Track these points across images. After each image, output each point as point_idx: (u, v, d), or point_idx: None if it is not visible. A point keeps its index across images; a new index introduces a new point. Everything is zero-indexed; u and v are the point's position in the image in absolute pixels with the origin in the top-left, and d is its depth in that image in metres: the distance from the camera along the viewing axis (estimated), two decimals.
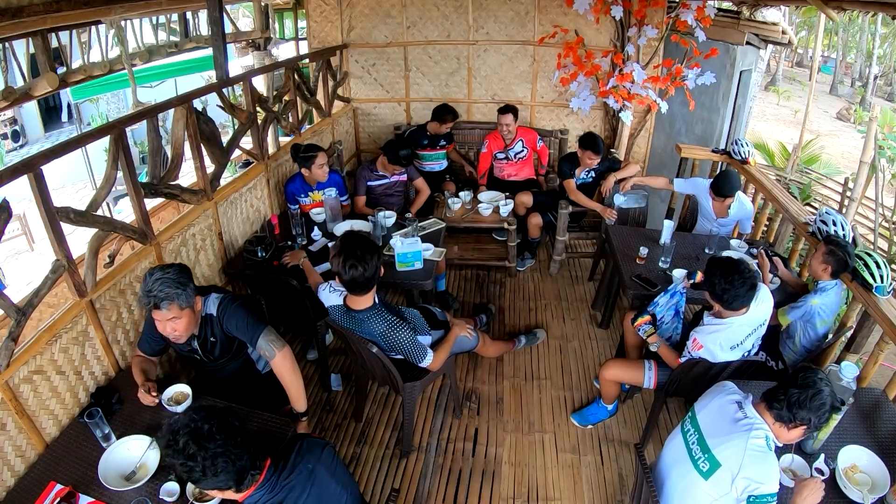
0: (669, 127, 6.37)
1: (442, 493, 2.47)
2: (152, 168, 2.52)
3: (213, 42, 3.06)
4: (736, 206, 3.29)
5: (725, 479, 1.59)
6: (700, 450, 1.69)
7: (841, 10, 3.38)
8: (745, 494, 1.55)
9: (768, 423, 1.61)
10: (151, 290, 1.84)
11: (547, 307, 3.82)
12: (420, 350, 2.28)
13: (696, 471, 1.67)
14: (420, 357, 2.30)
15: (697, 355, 2.19)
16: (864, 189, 6.76)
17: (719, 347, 2.16)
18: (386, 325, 2.20)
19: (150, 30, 5.83)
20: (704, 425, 1.73)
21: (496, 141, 4.35)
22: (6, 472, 1.78)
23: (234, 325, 2.04)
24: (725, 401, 1.73)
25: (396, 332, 2.21)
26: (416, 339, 2.27)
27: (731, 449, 1.60)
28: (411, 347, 2.25)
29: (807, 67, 24.42)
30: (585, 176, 4.00)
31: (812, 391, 1.53)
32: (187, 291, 1.89)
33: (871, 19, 17.50)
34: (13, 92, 3.80)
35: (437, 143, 4.51)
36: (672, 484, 1.78)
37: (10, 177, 1.71)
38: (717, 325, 2.18)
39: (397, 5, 4.71)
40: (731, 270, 2.07)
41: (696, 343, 2.20)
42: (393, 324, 2.21)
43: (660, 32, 4.25)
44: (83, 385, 2.08)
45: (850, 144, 15.26)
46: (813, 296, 2.43)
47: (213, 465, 1.28)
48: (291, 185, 3.46)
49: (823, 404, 1.53)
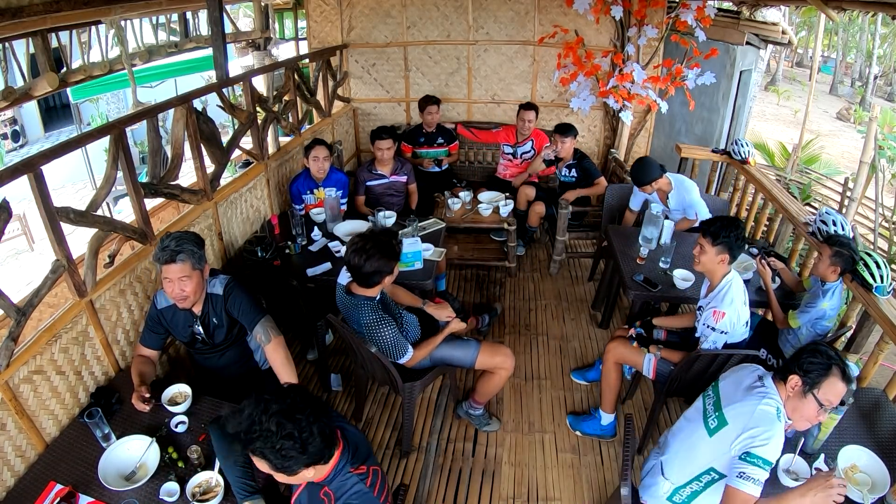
0: (669, 127, 6.38)
1: (442, 493, 2.47)
2: (152, 168, 2.53)
3: (213, 42, 3.06)
4: (674, 194, 3.27)
5: (728, 438, 1.63)
6: (713, 409, 1.75)
7: (841, 10, 3.39)
8: (742, 451, 1.58)
9: (782, 398, 1.65)
10: (169, 245, 1.94)
11: (547, 307, 3.81)
12: (400, 347, 2.27)
13: (704, 427, 1.73)
14: (399, 354, 2.28)
15: (721, 327, 2.21)
16: (864, 189, 6.75)
17: (737, 310, 2.22)
18: (374, 317, 2.21)
19: (150, 30, 5.82)
20: (724, 389, 1.79)
21: (509, 134, 4.41)
22: (6, 472, 1.78)
23: (237, 305, 2.11)
24: (748, 371, 1.79)
25: (381, 328, 2.21)
26: (398, 337, 2.25)
27: (741, 410, 1.65)
28: (392, 344, 2.24)
29: (807, 67, 24.42)
30: (567, 174, 4.03)
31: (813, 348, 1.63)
32: (201, 254, 2.02)
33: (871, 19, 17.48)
34: (13, 92, 3.80)
35: (434, 140, 4.51)
36: (680, 438, 1.84)
37: (10, 177, 1.72)
38: (726, 287, 2.25)
39: (397, 5, 4.71)
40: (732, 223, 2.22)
41: (717, 313, 2.22)
42: (381, 320, 2.21)
43: (660, 32, 4.25)
44: (83, 385, 2.08)
45: (850, 144, 15.25)
46: (822, 299, 2.41)
47: (311, 436, 1.24)
48: (297, 182, 3.50)
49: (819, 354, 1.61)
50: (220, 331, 2.17)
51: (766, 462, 1.56)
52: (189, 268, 1.97)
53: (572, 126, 3.96)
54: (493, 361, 2.49)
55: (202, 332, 2.15)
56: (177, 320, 2.14)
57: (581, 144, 4.85)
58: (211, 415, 1.97)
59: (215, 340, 2.19)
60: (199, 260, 2.00)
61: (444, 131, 4.57)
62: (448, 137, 4.57)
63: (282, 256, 2.96)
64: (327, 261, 2.92)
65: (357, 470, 1.39)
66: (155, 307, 2.13)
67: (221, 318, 2.15)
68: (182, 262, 1.95)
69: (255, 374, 2.34)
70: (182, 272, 1.96)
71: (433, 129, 4.50)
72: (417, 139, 4.51)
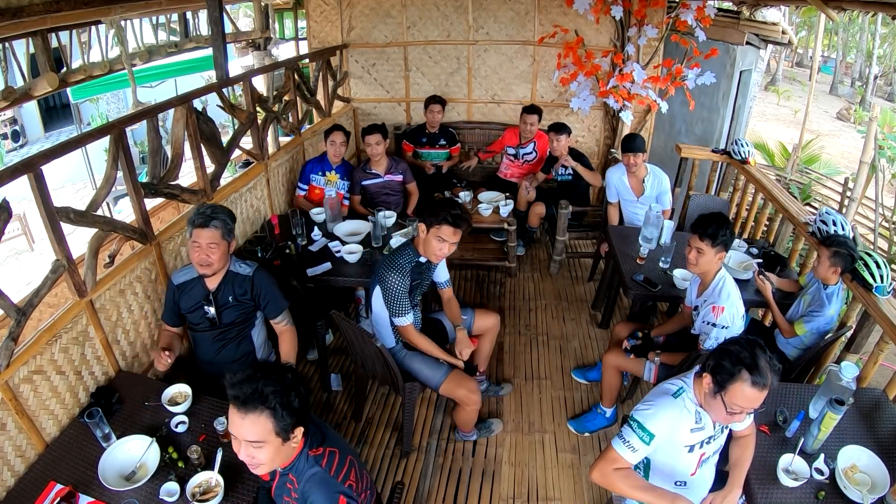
0: (669, 127, 6.37)
1: (442, 493, 2.47)
2: (152, 168, 2.52)
3: (213, 42, 3.06)
4: (651, 179, 3.43)
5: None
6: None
7: (841, 10, 3.39)
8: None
9: (698, 393, 1.65)
10: (205, 212, 2.08)
11: (547, 307, 3.81)
12: (403, 305, 2.32)
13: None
14: (398, 312, 2.33)
15: (721, 322, 2.20)
16: (864, 189, 6.76)
17: (734, 304, 2.23)
18: (401, 263, 2.30)
19: (150, 30, 5.82)
20: None
21: (513, 136, 4.43)
22: (6, 472, 1.78)
23: (266, 287, 2.24)
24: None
25: (398, 275, 2.28)
26: (405, 296, 2.31)
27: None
28: (396, 297, 2.30)
29: (807, 67, 24.41)
30: (564, 172, 4.04)
31: (724, 347, 1.58)
32: (231, 227, 2.15)
33: (871, 19, 17.48)
34: (13, 92, 3.80)
35: (436, 141, 4.50)
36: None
37: (10, 177, 1.71)
38: (720, 283, 2.27)
39: (397, 5, 4.71)
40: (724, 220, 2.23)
41: (717, 309, 2.21)
42: (403, 271, 2.29)
43: (660, 32, 4.25)
44: (83, 385, 2.08)
45: (850, 144, 15.25)
46: (829, 305, 2.40)
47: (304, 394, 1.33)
48: (311, 162, 3.69)
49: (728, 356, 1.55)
50: (230, 311, 2.23)
51: (640, 426, 1.61)
52: (219, 236, 2.09)
53: (565, 125, 3.99)
54: (456, 393, 2.40)
55: (213, 312, 2.21)
56: (191, 296, 2.21)
57: (581, 144, 4.86)
58: (211, 415, 1.97)
59: (223, 321, 2.23)
60: (229, 232, 2.13)
61: (447, 133, 4.56)
62: (450, 139, 4.56)
63: (282, 256, 2.96)
64: (327, 261, 2.92)
65: (314, 452, 1.42)
66: (172, 283, 2.23)
67: (237, 297, 2.22)
68: (215, 228, 2.07)
69: None
70: (212, 238, 2.07)
71: (436, 130, 4.49)
72: (419, 139, 4.49)
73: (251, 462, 1.32)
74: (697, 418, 1.65)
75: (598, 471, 1.65)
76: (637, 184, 3.47)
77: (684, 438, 1.65)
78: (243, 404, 1.26)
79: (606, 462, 1.64)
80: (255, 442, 1.28)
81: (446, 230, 2.25)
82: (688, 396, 1.65)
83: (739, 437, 1.81)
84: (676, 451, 1.68)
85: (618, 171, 3.55)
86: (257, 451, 1.30)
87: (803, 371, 2.60)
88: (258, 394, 1.25)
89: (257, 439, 1.28)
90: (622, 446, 1.63)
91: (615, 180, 3.56)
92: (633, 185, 3.48)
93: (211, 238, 2.07)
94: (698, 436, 1.66)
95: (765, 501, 1.73)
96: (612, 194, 3.62)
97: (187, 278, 2.22)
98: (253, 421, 1.26)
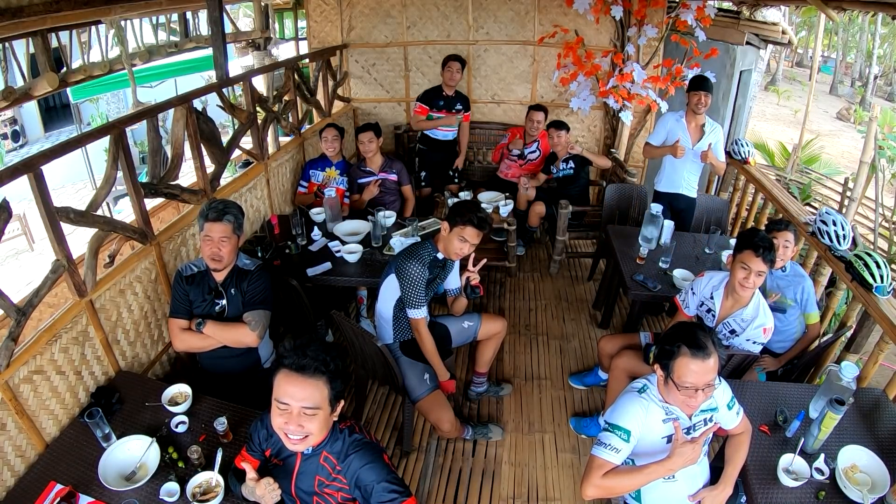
0: None
1: (442, 493, 2.47)
2: (152, 168, 2.52)
3: (213, 42, 3.06)
4: (710, 126, 3.37)
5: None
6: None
7: (841, 10, 3.39)
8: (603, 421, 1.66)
9: (657, 378, 1.68)
10: (217, 206, 2.13)
11: (547, 307, 3.81)
12: (419, 296, 2.32)
13: None
14: (414, 303, 2.34)
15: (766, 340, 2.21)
16: (864, 189, 6.75)
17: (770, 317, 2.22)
18: (421, 254, 2.33)
19: (150, 30, 5.81)
20: None
21: (517, 136, 4.40)
22: (6, 472, 1.78)
23: (256, 285, 2.23)
24: None
25: (416, 265, 2.29)
26: (423, 287, 2.32)
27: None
28: (413, 287, 2.31)
29: (807, 67, 24.42)
30: (565, 167, 4.03)
31: (662, 336, 1.65)
32: (241, 223, 2.20)
33: (871, 19, 17.48)
34: (13, 92, 3.79)
35: (452, 105, 4.31)
36: None
37: (10, 177, 1.71)
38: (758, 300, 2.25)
39: (397, 5, 4.71)
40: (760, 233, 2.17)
41: (767, 331, 2.20)
42: (422, 262, 2.31)
43: (660, 32, 4.25)
44: (83, 385, 2.08)
45: (850, 144, 15.26)
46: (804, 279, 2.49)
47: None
48: (312, 160, 3.75)
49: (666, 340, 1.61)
50: (236, 305, 2.24)
51: (614, 426, 1.63)
52: (230, 230, 2.13)
53: (563, 122, 3.99)
54: (429, 415, 2.43)
55: (224, 303, 2.22)
56: (199, 289, 2.22)
57: (581, 144, 4.85)
58: (211, 415, 1.97)
59: (228, 314, 2.24)
60: (239, 227, 2.18)
61: (463, 98, 4.38)
62: (465, 105, 4.39)
63: (282, 256, 2.96)
64: (327, 261, 2.92)
65: (344, 424, 1.45)
66: (180, 276, 2.23)
67: (237, 294, 2.23)
68: (227, 223, 2.12)
69: (256, 371, 2.34)
70: (223, 232, 2.11)
71: (452, 94, 4.27)
72: (436, 102, 4.27)
73: (299, 433, 1.34)
74: (667, 410, 1.68)
75: (589, 484, 1.62)
76: (696, 129, 3.32)
77: (658, 429, 1.68)
78: (303, 370, 1.30)
79: (593, 471, 1.63)
80: (310, 409, 1.31)
81: (470, 231, 2.27)
82: (651, 392, 1.69)
83: (733, 436, 1.81)
84: (655, 444, 1.70)
85: (675, 114, 3.44)
86: (309, 420, 1.32)
87: (803, 371, 2.60)
88: (320, 360, 1.31)
89: (315, 405, 1.31)
90: (604, 451, 1.63)
91: (671, 123, 3.43)
92: (691, 130, 3.31)
93: (223, 232, 2.11)
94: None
95: (765, 501, 1.73)
96: (659, 136, 3.48)
97: (195, 271, 2.24)
98: (314, 386, 1.31)
